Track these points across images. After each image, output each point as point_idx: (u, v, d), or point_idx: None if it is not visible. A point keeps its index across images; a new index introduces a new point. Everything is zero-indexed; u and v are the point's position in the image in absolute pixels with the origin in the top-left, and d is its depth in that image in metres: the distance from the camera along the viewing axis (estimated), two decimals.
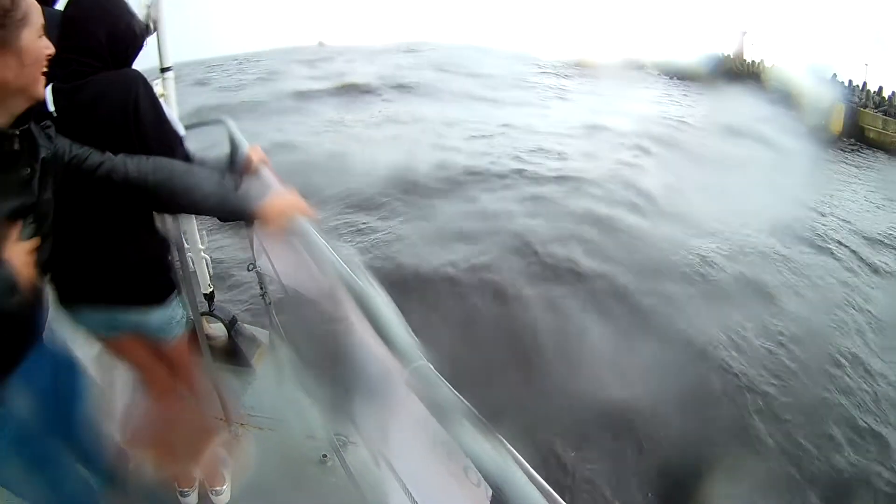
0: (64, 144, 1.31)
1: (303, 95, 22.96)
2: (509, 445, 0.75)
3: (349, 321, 1.24)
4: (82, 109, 1.51)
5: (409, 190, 11.21)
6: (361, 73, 27.34)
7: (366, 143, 15.37)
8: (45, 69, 1.20)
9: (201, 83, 27.52)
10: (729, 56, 39.67)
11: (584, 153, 15.06)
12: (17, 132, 1.17)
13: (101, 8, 1.57)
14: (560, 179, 12.61)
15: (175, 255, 1.99)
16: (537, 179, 12.61)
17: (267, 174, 1.75)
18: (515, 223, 9.61)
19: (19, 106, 1.18)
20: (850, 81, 28.89)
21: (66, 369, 1.53)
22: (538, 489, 0.69)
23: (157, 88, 2.52)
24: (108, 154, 1.37)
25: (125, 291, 1.70)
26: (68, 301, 1.67)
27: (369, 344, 1.13)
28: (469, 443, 0.77)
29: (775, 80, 33.32)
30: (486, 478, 0.74)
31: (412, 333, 1.01)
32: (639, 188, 12.28)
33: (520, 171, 13.01)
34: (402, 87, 24.27)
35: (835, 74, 30.55)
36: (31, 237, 1.20)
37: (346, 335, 1.27)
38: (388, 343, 1.01)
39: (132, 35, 1.65)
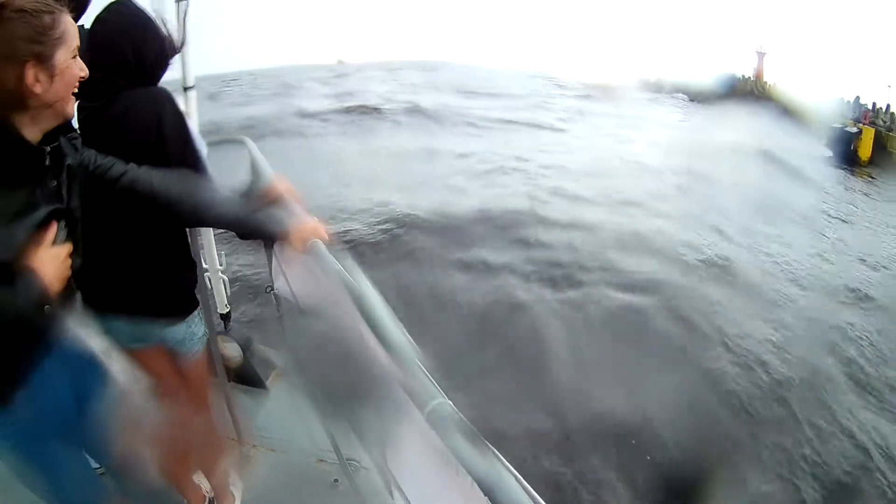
0: (90, 154, 1.36)
1: (310, 115, 21.63)
2: (532, 490, 0.74)
3: (365, 346, 1.24)
4: (109, 127, 1.53)
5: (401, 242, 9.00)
6: (374, 94, 26.63)
7: (366, 177, 12.91)
8: (75, 91, 1.23)
9: (212, 97, 27.15)
10: (748, 78, 39.67)
11: (621, 199, 12.57)
12: (48, 149, 1.22)
13: (129, 26, 1.59)
14: (587, 228, 10.26)
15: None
16: (561, 226, 10.30)
17: (289, 201, 1.75)
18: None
19: (49, 122, 1.21)
20: (874, 104, 28.73)
21: (86, 371, 1.55)
22: None
23: (180, 106, 2.57)
24: (133, 165, 1.41)
25: (149, 303, 1.72)
26: (96, 308, 1.67)
27: (385, 370, 1.12)
28: (489, 482, 0.76)
29: (796, 103, 33.02)
30: None
31: (429, 368, 1.00)
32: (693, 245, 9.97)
33: (541, 220, 10.52)
34: (414, 110, 22.88)
35: (857, 97, 30.53)
36: (63, 242, 1.25)
37: (362, 361, 1.27)
38: (406, 378, 1.00)
39: (160, 54, 1.67)
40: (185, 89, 2.66)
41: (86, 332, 1.62)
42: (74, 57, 1.21)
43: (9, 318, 1.14)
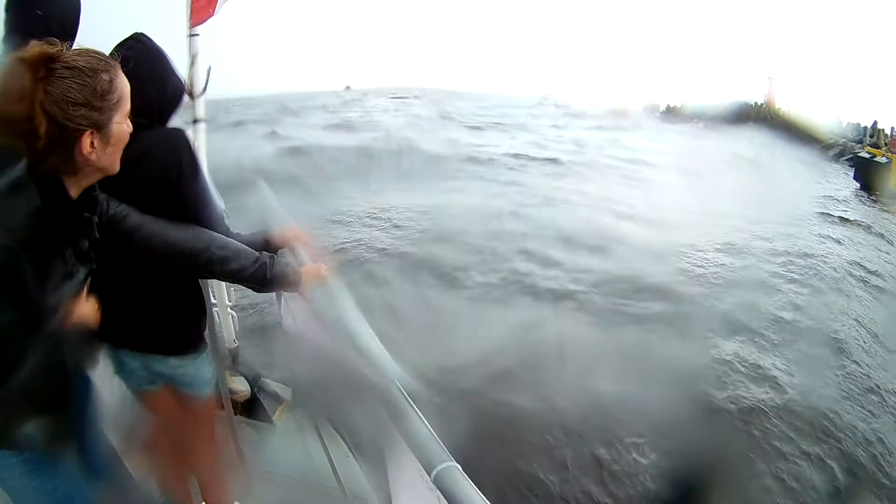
0: (102, 203, 1.31)
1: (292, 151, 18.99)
2: None
3: (371, 389, 1.28)
4: (126, 168, 1.50)
5: None
6: (372, 126, 24.81)
7: None
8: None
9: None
10: (761, 104, 40.23)
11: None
12: (97, 219, 1.23)
13: (153, 70, 1.58)
14: None
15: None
16: None
17: (299, 248, 1.80)
18: None
19: (92, 180, 1.18)
20: (893, 129, 29.41)
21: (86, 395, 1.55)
22: None
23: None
24: (148, 218, 1.41)
25: (157, 338, 1.72)
26: (108, 342, 1.70)
27: (391, 421, 1.14)
28: None
29: (812, 129, 33.57)
30: None
31: (436, 422, 1.00)
32: None
33: None
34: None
35: (875, 122, 31.32)
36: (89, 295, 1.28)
37: (368, 402, 1.31)
38: (410, 441, 1.00)
39: (179, 95, 1.69)
40: (195, 122, 2.68)
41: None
42: (127, 116, 1.16)
43: (70, 370, 1.20)
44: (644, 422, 5.22)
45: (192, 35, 2.60)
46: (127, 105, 1.16)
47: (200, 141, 2.70)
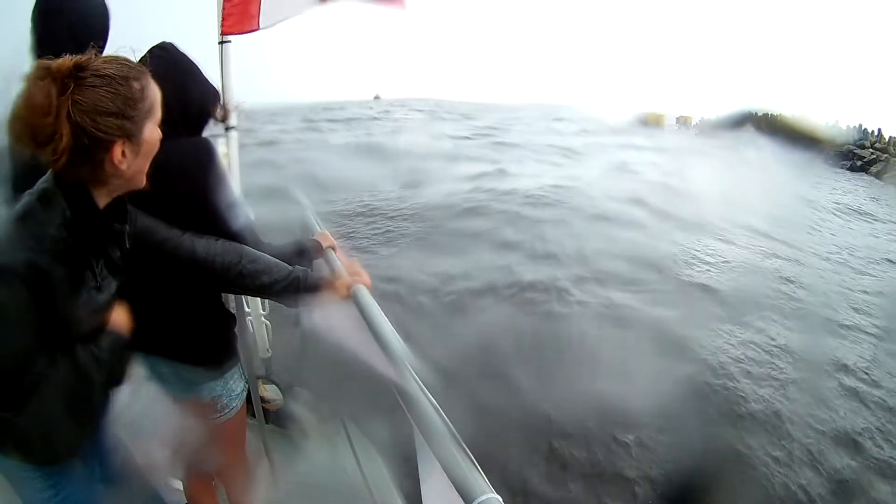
0: (133, 214, 1.31)
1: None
2: None
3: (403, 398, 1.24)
4: (151, 177, 1.50)
5: None
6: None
7: None
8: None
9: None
10: (771, 114, 40.33)
11: None
12: (129, 229, 1.22)
13: (173, 73, 1.54)
14: None
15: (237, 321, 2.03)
16: None
17: (334, 259, 1.78)
18: None
19: (120, 191, 1.17)
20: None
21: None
22: None
23: (221, 148, 2.58)
24: (176, 231, 1.40)
25: (187, 350, 1.72)
26: (141, 350, 1.68)
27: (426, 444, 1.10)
28: None
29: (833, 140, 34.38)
30: None
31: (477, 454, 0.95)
32: None
33: None
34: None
35: (880, 129, 33.91)
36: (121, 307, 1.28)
37: (400, 414, 1.27)
38: (446, 465, 0.96)
39: (203, 101, 1.65)
40: (227, 129, 2.68)
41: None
42: (157, 125, 1.15)
43: (98, 385, 1.18)
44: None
45: (223, 42, 2.60)
46: (158, 113, 1.15)
47: (233, 150, 2.70)
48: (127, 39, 1.59)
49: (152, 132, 1.14)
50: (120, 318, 1.26)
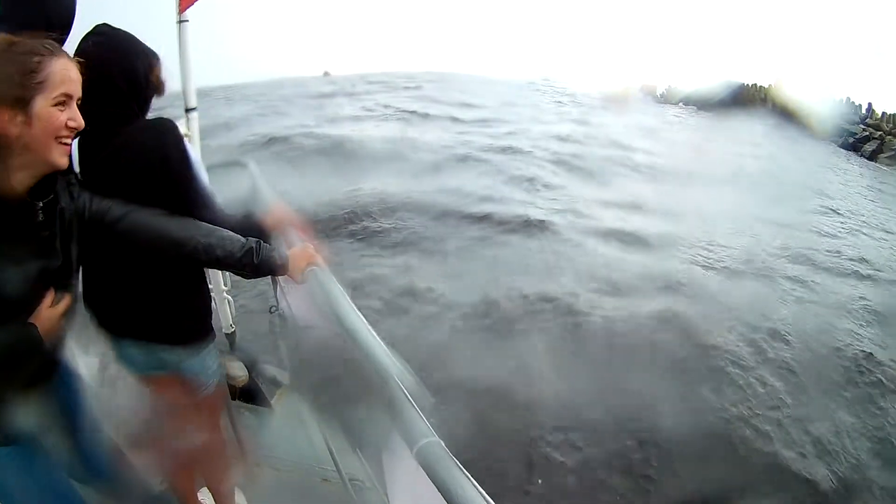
0: (85, 200, 1.32)
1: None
2: None
3: (363, 371, 1.27)
4: (110, 161, 1.49)
5: None
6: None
7: None
8: (65, 140, 1.19)
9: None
10: (760, 86, 39.13)
11: None
12: (41, 204, 1.19)
13: (113, 51, 1.50)
14: None
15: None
16: None
17: (289, 229, 1.78)
18: None
19: (39, 170, 1.18)
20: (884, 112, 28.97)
21: (68, 381, 1.56)
22: None
23: (182, 128, 2.55)
24: (133, 208, 1.38)
25: (159, 329, 1.71)
26: (110, 332, 1.69)
27: (379, 400, 1.14)
28: None
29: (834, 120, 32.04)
30: None
31: (426, 395, 1.00)
32: None
33: None
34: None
35: (870, 104, 31.25)
36: (60, 298, 1.26)
37: (361, 384, 1.30)
38: (394, 414, 1.00)
39: (148, 76, 1.58)
40: (187, 111, 2.65)
41: (78, 353, 1.66)
42: (60, 105, 1.16)
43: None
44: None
45: (181, 21, 2.54)
46: (56, 90, 1.15)
47: (194, 130, 2.68)
48: (87, 22, 1.56)
49: (47, 107, 1.14)
50: (46, 313, 1.23)
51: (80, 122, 1.20)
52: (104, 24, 1.54)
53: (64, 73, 1.17)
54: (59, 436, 1.51)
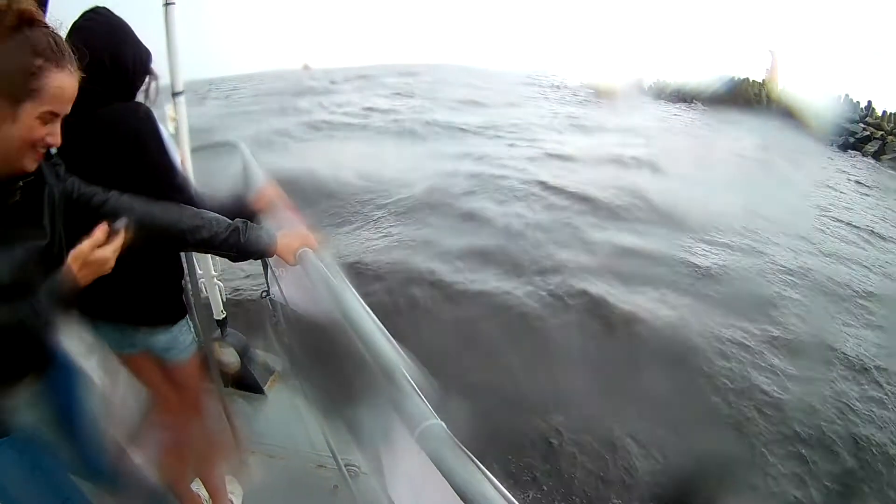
0: (74, 182, 1.31)
1: None
2: None
3: (360, 354, 1.24)
4: (87, 145, 1.49)
5: None
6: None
7: None
8: (39, 150, 1.15)
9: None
10: (754, 80, 38.33)
11: None
12: (20, 184, 1.16)
13: (105, 33, 1.54)
14: None
15: (187, 280, 2.00)
16: None
17: (280, 209, 1.76)
18: None
19: (4, 169, 1.13)
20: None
21: (69, 376, 1.55)
22: None
23: (169, 112, 2.58)
24: (114, 193, 1.37)
25: (132, 310, 1.72)
26: (87, 314, 1.69)
27: (377, 384, 1.11)
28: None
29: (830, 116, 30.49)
30: None
31: (427, 379, 0.98)
32: None
33: None
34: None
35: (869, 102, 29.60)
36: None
37: (357, 368, 1.27)
38: (395, 396, 0.98)
39: (137, 61, 1.61)
40: (174, 94, 2.63)
41: (73, 339, 1.63)
42: (44, 120, 1.12)
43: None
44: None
45: (167, 4, 2.50)
46: (45, 107, 1.10)
47: (181, 114, 2.66)
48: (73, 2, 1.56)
49: (32, 122, 1.10)
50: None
51: (57, 140, 1.15)
52: (103, 7, 1.58)
53: (59, 90, 1.11)
54: (57, 430, 1.49)
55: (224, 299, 3.00)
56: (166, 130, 1.66)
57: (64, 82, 1.12)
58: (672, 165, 15.81)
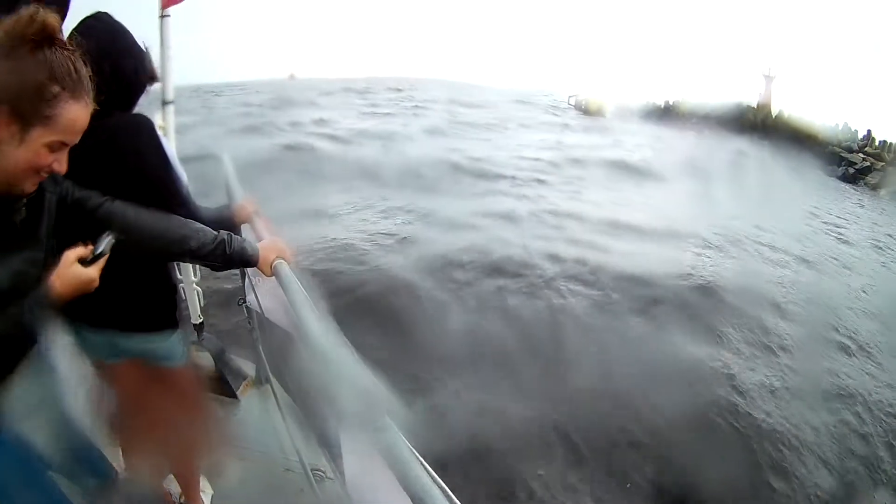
0: (68, 185, 1.31)
1: None
2: None
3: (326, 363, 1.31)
4: (87, 155, 1.42)
5: None
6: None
7: None
8: (43, 175, 1.15)
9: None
10: (751, 106, 37.86)
11: None
12: (24, 201, 1.17)
13: (107, 42, 1.51)
14: None
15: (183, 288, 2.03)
16: None
17: (258, 223, 1.83)
18: None
19: (3, 187, 1.12)
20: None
21: (52, 380, 1.55)
22: None
23: (157, 121, 2.58)
24: (108, 199, 1.39)
25: (127, 317, 1.71)
26: (70, 319, 1.68)
27: (339, 389, 1.18)
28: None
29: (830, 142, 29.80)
30: None
31: (380, 384, 1.03)
32: None
33: None
34: None
35: (869, 131, 28.81)
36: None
37: (325, 374, 1.34)
38: (350, 404, 1.05)
39: (137, 71, 1.60)
40: (164, 104, 2.67)
41: (56, 344, 1.67)
42: (51, 147, 1.10)
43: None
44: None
45: (163, 16, 2.59)
46: (55, 136, 1.10)
47: (170, 122, 2.70)
48: (72, 10, 1.56)
49: (40, 149, 1.10)
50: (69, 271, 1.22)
51: (63, 168, 1.15)
52: (104, 12, 1.55)
53: (71, 122, 1.10)
54: (41, 430, 1.50)
55: (202, 304, 3.06)
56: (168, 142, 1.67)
57: (78, 114, 1.11)
58: None
